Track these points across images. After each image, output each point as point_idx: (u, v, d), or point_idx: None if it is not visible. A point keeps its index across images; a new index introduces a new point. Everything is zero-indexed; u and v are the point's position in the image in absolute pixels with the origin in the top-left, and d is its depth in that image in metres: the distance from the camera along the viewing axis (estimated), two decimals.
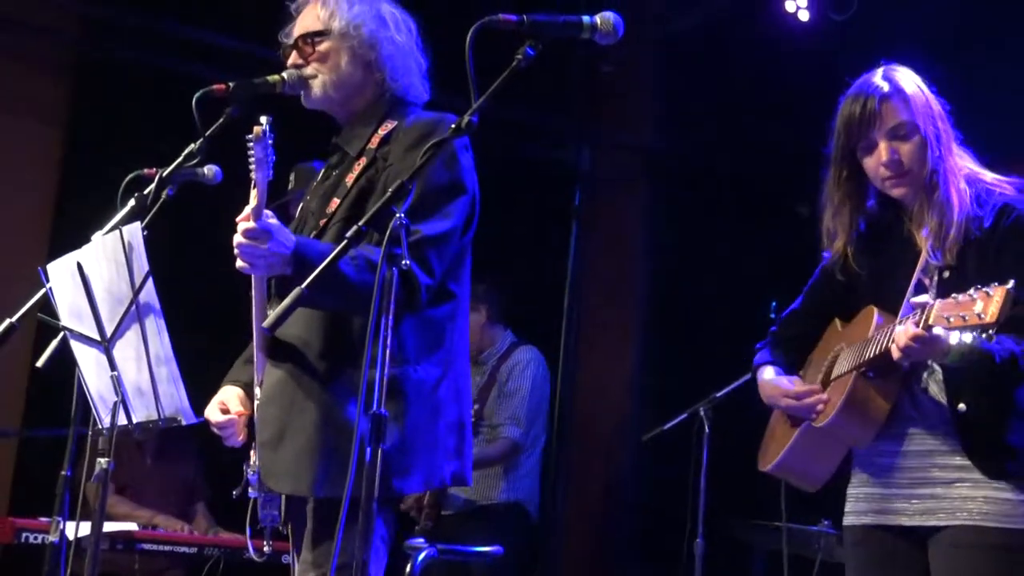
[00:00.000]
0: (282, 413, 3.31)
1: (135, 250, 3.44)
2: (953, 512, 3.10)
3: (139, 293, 3.44)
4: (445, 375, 3.39)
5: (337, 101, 3.53)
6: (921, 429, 3.20)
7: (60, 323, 3.68)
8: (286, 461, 3.28)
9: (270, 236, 3.07)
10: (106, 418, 3.61)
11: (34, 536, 5.36)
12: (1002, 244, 3.13)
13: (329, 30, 3.49)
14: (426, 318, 3.34)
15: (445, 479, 3.37)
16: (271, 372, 3.37)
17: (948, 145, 3.25)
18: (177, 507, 6.14)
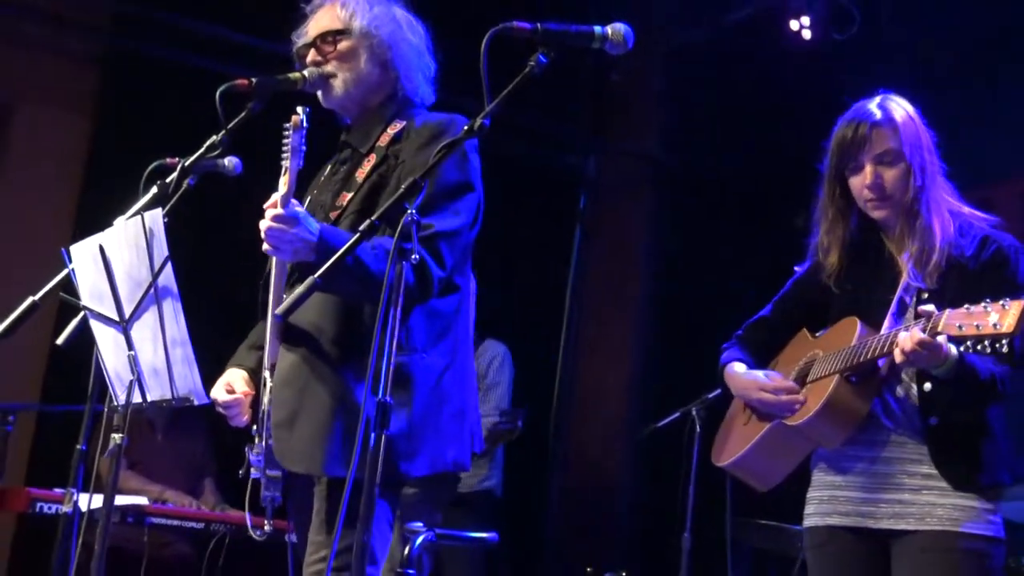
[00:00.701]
0: (295, 396, 3.32)
1: (155, 236, 3.44)
2: (922, 517, 3.13)
3: (158, 277, 3.44)
4: (451, 365, 3.40)
5: (355, 99, 3.53)
6: (892, 436, 3.21)
7: (81, 303, 3.69)
8: (300, 442, 3.28)
9: (297, 222, 3.08)
10: (121, 396, 3.61)
11: (48, 506, 5.36)
12: (984, 272, 3.17)
13: (349, 29, 3.49)
14: (434, 310, 3.36)
15: (447, 464, 3.38)
16: (285, 356, 3.37)
17: (933, 176, 3.28)
18: (186, 483, 6.15)
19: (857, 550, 3.24)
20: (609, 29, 3.00)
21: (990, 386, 3.07)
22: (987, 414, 3.18)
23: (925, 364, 3.02)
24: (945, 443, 3.14)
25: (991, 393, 3.10)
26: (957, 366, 3.00)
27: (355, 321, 3.31)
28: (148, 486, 5.95)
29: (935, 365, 3.01)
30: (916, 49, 6.51)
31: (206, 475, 6.30)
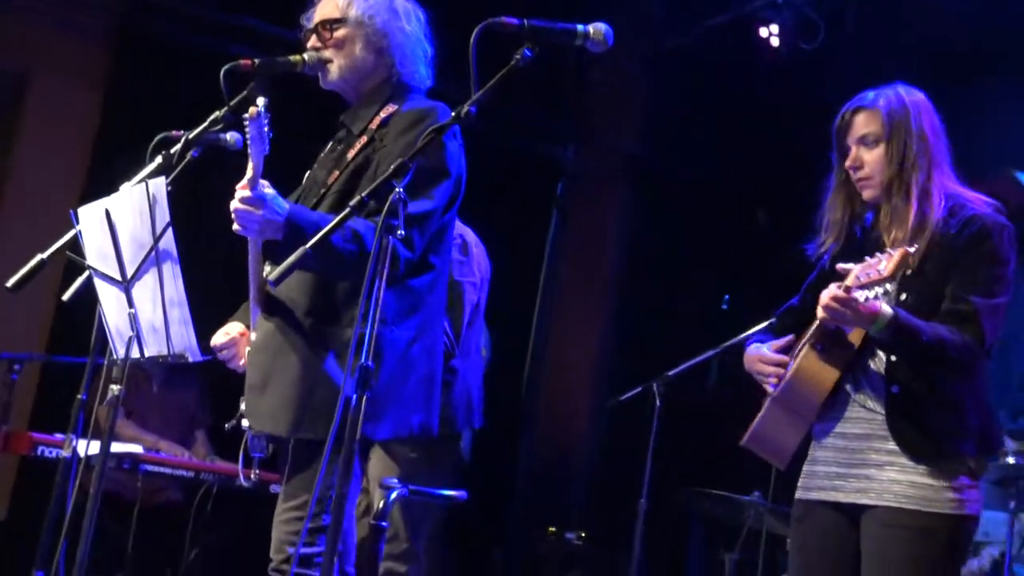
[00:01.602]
0: (268, 361, 3.34)
1: (158, 202, 3.44)
2: (881, 493, 3.05)
3: (159, 241, 3.44)
4: (419, 337, 3.39)
5: (351, 83, 3.54)
6: (863, 412, 3.14)
7: (86, 262, 3.68)
8: (268, 405, 3.31)
9: (263, 204, 3.11)
10: (121, 350, 3.61)
11: (49, 450, 5.36)
12: (965, 248, 3.07)
13: (346, 18, 3.49)
14: (406, 286, 3.36)
15: (413, 428, 3.38)
16: (262, 324, 3.40)
17: (922, 161, 3.15)
18: (179, 434, 6.14)
19: (830, 524, 3.17)
20: (591, 28, 3.01)
21: (937, 349, 2.96)
22: (954, 385, 3.06)
23: (850, 322, 2.98)
24: (901, 411, 3.05)
25: (944, 359, 2.99)
26: (892, 326, 2.93)
27: (328, 295, 3.33)
28: (143, 435, 5.94)
29: (865, 323, 2.96)
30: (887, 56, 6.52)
31: (198, 427, 6.29)
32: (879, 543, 3.05)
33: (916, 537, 3.00)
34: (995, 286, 3.06)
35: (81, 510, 3.67)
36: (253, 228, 3.16)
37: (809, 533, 3.24)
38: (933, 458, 3.02)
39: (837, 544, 3.16)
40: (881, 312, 2.92)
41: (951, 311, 3.03)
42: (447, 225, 3.46)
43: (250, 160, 3.13)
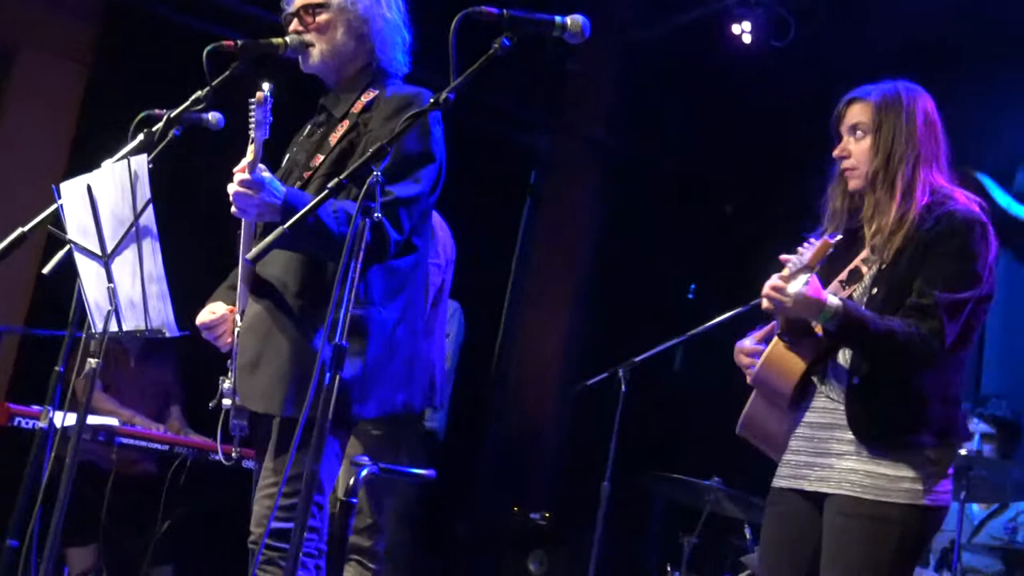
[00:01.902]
0: (259, 342, 3.33)
1: (140, 179, 3.42)
2: (839, 482, 3.06)
3: (139, 217, 3.42)
4: (404, 318, 3.40)
5: (332, 68, 3.52)
6: (827, 402, 3.15)
7: (67, 237, 3.65)
8: (260, 384, 3.30)
9: (262, 187, 3.10)
10: (99, 324, 3.59)
11: (26, 421, 5.32)
12: (936, 240, 3.05)
13: (329, 3, 3.47)
14: (391, 268, 3.36)
15: (396, 406, 3.40)
16: (252, 305, 3.39)
17: (909, 156, 3.13)
18: (154, 408, 6.11)
19: (797, 510, 3.18)
20: (569, 20, 3.01)
21: (885, 341, 2.97)
22: (915, 378, 3.05)
23: (792, 311, 3.00)
24: (860, 402, 3.05)
25: (893, 352, 2.99)
26: (840, 316, 2.96)
27: (316, 277, 3.32)
28: (119, 408, 5.91)
29: (810, 314, 2.98)
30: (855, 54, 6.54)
31: (173, 403, 6.25)
32: (836, 531, 3.05)
33: (870, 525, 3.00)
34: (960, 281, 3.03)
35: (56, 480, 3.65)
36: (251, 211, 3.15)
37: (778, 518, 3.25)
38: (890, 449, 3.02)
39: (802, 530, 3.16)
40: (827, 303, 2.95)
41: (913, 305, 3.02)
42: (429, 208, 3.45)
43: (252, 143, 3.13)
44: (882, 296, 3.09)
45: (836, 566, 3.03)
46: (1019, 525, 5.33)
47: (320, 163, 3.40)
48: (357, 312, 3.25)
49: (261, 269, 3.36)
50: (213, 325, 3.46)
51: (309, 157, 3.46)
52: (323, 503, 3.32)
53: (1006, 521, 5.35)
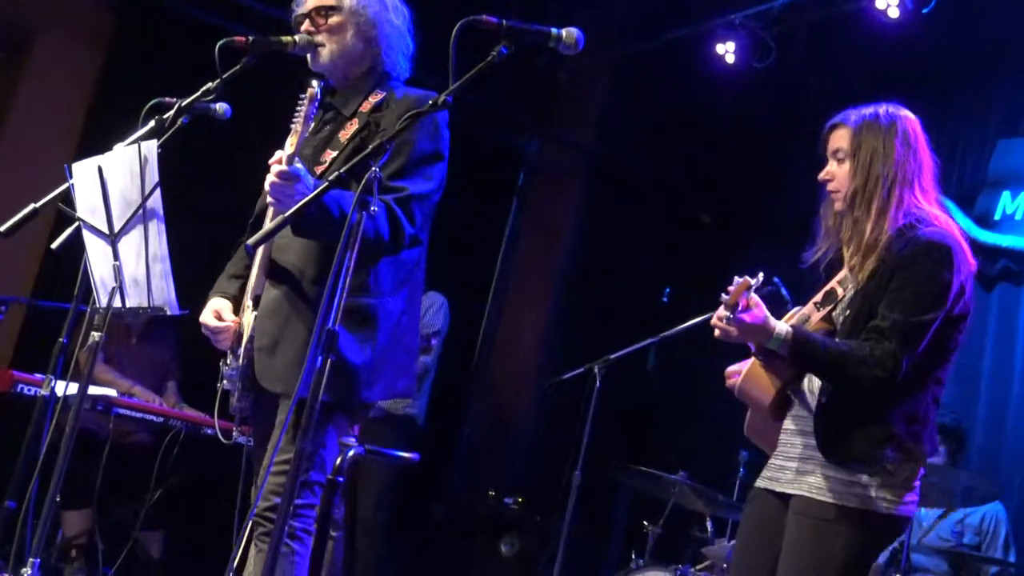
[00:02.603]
0: (278, 326, 3.32)
1: (149, 163, 3.40)
2: (799, 484, 3.08)
3: (147, 199, 3.41)
4: (408, 309, 3.41)
5: (339, 68, 3.51)
6: (802, 412, 3.16)
7: (77, 215, 3.64)
8: (279, 366, 3.28)
9: (299, 179, 3.09)
10: (104, 299, 3.58)
11: (29, 389, 5.30)
12: (898, 266, 3.02)
13: (341, 6, 3.46)
14: (400, 260, 3.36)
15: (397, 391, 3.39)
16: (269, 291, 3.37)
17: (886, 179, 3.09)
18: (152, 382, 6.09)
19: (769, 509, 3.19)
20: (564, 32, 2.99)
21: (835, 364, 2.96)
22: (880, 397, 3.00)
23: (739, 339, 3.01)
24: (827, 419, 3.05)
25: (844, 374, 2.97)
26: (788, 342, 2.96)
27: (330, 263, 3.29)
28: (119, 380, 5.89)
29: (760, 340, 3.00)
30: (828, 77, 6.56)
31: (170, 378, 6.24)
32: (793, 530, 3.07)
33: (821, 525, 3.01)
34: (919, 305, 2.99)
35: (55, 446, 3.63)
36: (287, 202, 3.09)
37: (753, 515, 3.28)
38: (848, 459, 3.01)
39: (772, 527, 3.17)
40: (776, 330, 2.96)
41: (873, 327, 3.00)
42: (435, 205, 3.45)
43: (294, 135, 3.12)
44: (852, 319, 3.07)
45: (788, 562, 3.05)
46: (965, 528, 5.35)
47: (332, 159, 3.38)
48: (369, 301, 3.26)
49: (278, 256, 3.35)
50: (219, 330, 3.43)
51: (318, 152, 3.44)
52: (323, 482, 3.32)
53: (953, 524, 5.37)
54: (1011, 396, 6.05)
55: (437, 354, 6.03)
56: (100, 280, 3.62)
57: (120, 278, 3.53)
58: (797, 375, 3.16)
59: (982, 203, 6.40)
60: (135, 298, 3.54)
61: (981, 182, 6.48)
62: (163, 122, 3.66)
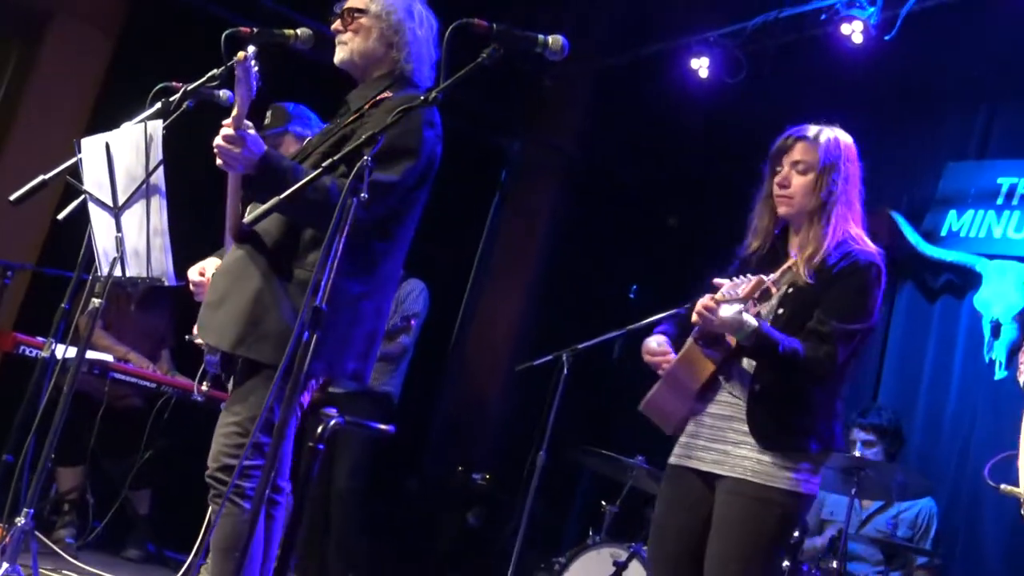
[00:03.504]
0: (228, 283, 3.27)
1: (154, 142, 3.40)
2: (733, 467, 3.16)
3: (150, 176, 3.40)
4: (370, 294, 3.33)
5: (359, 66, 3.49)
6: (730, 399, 3.24)
7: (83, 187, 3.62)
8: (218, 320, 3.24)
9: (244, 142, 3.05)
10: (105, 268, 3.57)
11: (30, 350, 5.28)
12: (835, 280, 3.16)
13: (368, 10, 3.45)
14: (365, 245, 3.29)
15: (345, 371, 3.33)
16: (234, 251, 3.33)
17: (837, 199, 3.24)
18: (147, 349, 6.06)
19: (690, 485, 3.26)
20: (551, 39, 3.00)
21: (789, 360, 3.06)
22: (806, 390, 3.15)
23: (716, 328, 3.06)
24: (759, 407, 3.16)
25: (796, 368, 3.08)
26: (755, 336, 3.03)
27: (296, 236, 3.27)
28: (116, 346, 5.86)
29: (731, 331, 3.06)
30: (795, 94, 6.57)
31: (164, 346, 6.21)
32: (726, 507, 3.16)
33: (756, 504, 3.11)
34: (854, 315, 3.15)
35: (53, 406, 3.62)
36: (233, 163, 3.09)
37: (673, 491, 3.33)
38: (780, 448, 3.14)
39: (692, 502, 3.25)
40: (745, 322, 3.02)
41: (812, 330, 3.13)
42: (414, 202, 3.40)
43: (237, 100, 3.07)
44: (786, 317, 3.19)
45: (723, 536, 3.14)
46: (900, 523, 5.38)
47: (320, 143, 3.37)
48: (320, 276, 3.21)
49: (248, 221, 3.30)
50: (199, 284, 3.42)
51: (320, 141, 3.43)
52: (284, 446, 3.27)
53: (889, 518, 5.40)
54: (948, 401, 6.09)
55: (415, 336, 6.02)
56: (103, 250, 3.61)
57: (122, 249, 3.52)
58: (726, 361, 3.22)
59: (930, 220, 6.44)
60: (135, 268, 3.54)
61: (930, 200, 6.52)
62: (169, 105, 3.66)
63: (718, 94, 7.03)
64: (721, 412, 3.24)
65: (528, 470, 5.25)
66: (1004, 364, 5.83)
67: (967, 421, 5.96)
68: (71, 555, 5.18)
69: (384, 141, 3.03)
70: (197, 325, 3.32)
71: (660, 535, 3.32)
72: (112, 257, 3.54)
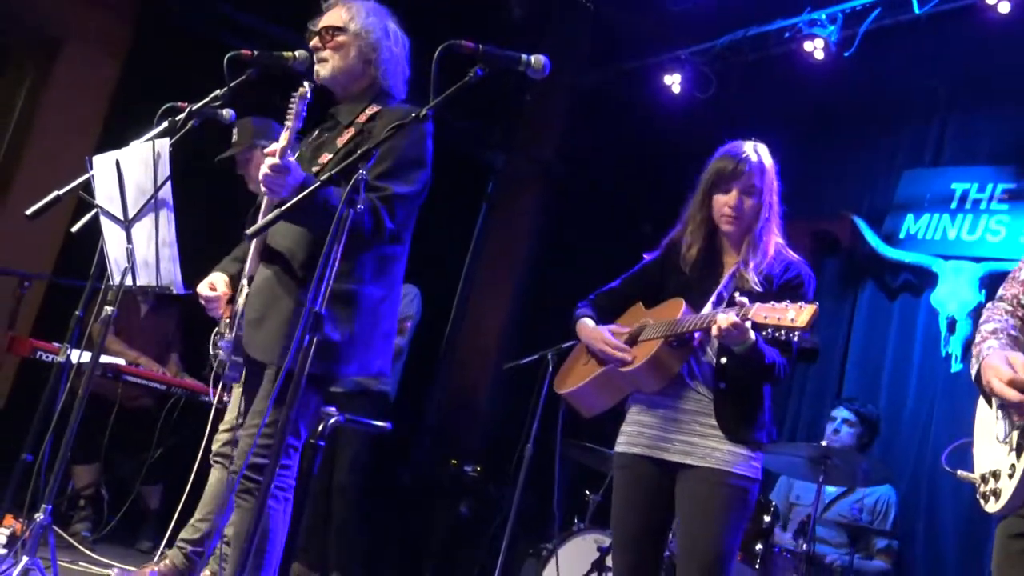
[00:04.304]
0: (265, 302, 3.28)
1: (162, 158, 3.39)
2: (703, 457, 3.20)
3: (159, 191, 3.40)
4: (387, 297, 3.37)
5: (340, 82, 3.48)
6: (694, 392, 3.28)
7: (95, 202, 3.61)
8: (263, 338, 3.25)
9: (289, 172, 3.06)
10: (117, 278, 3.56)
11: (47, 355, 5.25)
12: (784, 287, 3.25)
13: (347, 29, 3.44)
14: (383, 254, 3.33)
15: (371, 370, 3.37)
16: (262, 271, 3.34)
17: (775, 214, 3.34)
18: (157, 353, 6.04)
19: (650, 474, 3.29)
20: (532, 58, 3.00)
21: (770, 369, 3.15)
22: (762, 389, 3.27)
23: (732, 341, 3.07)
24: (726, 404, 3.23)
25: (770, 375, 3.18)
26: (752, 348, 3.08)
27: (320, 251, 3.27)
28: (127, 351, 5.85)
29: (738, 343, 3.07)
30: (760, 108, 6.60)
31: (173, 350, 6.19)
32: (701, 495, 3.19)
33: (729, 490, 3.17)
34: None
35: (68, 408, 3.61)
36: (279, 191, 3.08)
37: (632, 479, 3.34)
38: (743, 440, 3.21)
39: (653, 490, 3.29)
40: (749, 338, 3.06)
41: (774, 339, 3.09)
42: (416, 208, 3.43)
43: (286, 131, 3.09)
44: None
45: (698, 519, 3.18)
46: (864, 507, 5.40)
47: (327, 161, 3.37)
48: (351, 287, 3.23)
49: (273, 240, 3.32)
50: (210, 299, 3.42)
51: (316, 155, 3.44)
52: (298, 446, 3.29)
53: (853, 503, 5.42)
54: (908, 393, 6.12)
55: (410, 337, 6.02)
56: (114, 261, 3.60)
57: (132, 259, 3.51)
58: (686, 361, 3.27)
59: (889, 224, 6.47)
60: (145, 277, 3.53)
61: (888, 205, 6.55)
62: (175, 123, 3.65)
63: (690, 108, 7.06)
64: (685, 407, 3.27)
65: (516, 462, 5.25)
66: (959, 358, 5.86)
67: (925, 412, 5.99)
68: (87, 547, 5.16)
69: (396, 156, 3.05)
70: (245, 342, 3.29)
71: (621, 521, 3.36)
72: (123, 267, 3.53)
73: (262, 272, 3.33)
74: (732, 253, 3.37)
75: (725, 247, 3.40)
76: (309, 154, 3.47)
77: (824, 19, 6.19)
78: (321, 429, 3.79)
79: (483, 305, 8.21)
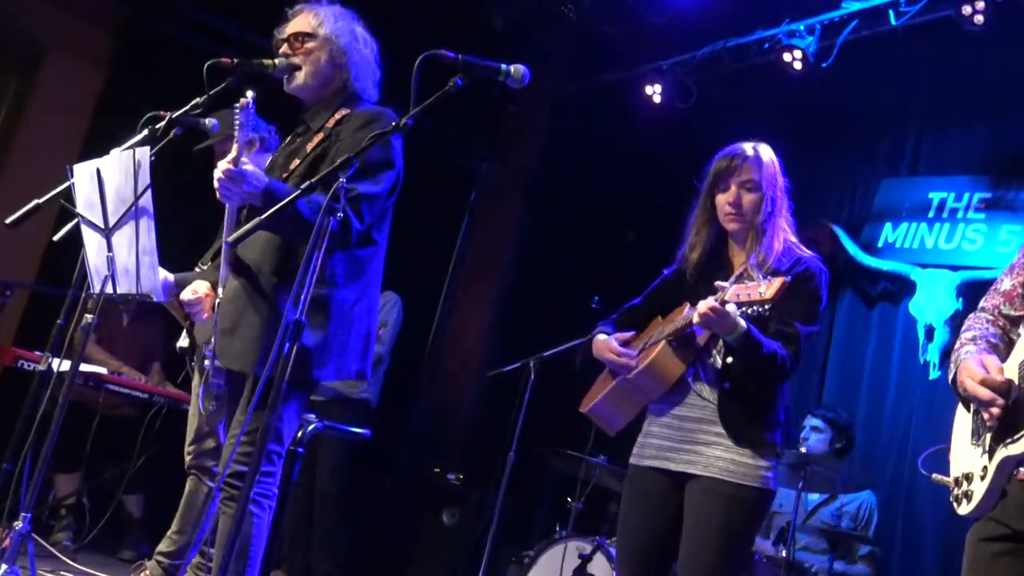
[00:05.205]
0: (237, 311, 3.28)
1: (142, 167, 3.38)
2: (707, 466, 3.09)
3: (139, 199, 3.38)
4: (361, 299, 3.37)
5: (312, 88, 3.49)
6: (699, 400, 3.17)
7: (76, 210, 3.59)
8: (237, 347, 3.25)
9: (244, 179, 3.05)
10: (98, 286, 3.54)
11: (28, 364, 5.22)
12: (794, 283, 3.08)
13: (316, 34, 3.45)
14: (353, 255, 3.34)
15: (351, 373, 3.36)
16: (231, 282, 3.34)
17: (780, 209, 3.26)
18: (139, 362, 6.01)
19: (657, 485, 3.19)
20: (512, 68, 3.01)
21: (771, 360, 3.02)
22: (772, 388, 3.14)
23: (718, 328, 3.00)
24: (731, 404, 3.11)
25: (774, 368, 3.04)
26: (744, 337, 2.98)
27: (286, 260, 3.29)
28: (109, 359, 5.81)
29: (726, 331, 2.99)
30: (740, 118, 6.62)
31: (155, 359, 6.16)
32: (703, 505, 3.09)
33: (731, 502, 3.06)
34: (811, 318, 3.15)
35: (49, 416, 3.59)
36: (233, 198, 3.11)
37: (639, 490, 3.26)
38: (752, 443, 3.09)
39: (660, 501, 3.19)
40: (738, 324, 2.97)
41: (779, 331, 3.09)
42: (388, 210, 3.42)
43: (235, 141, 3.08)
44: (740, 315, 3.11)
45: (701, 534, 3.07)
46: (844, 515, 5.41)
47: (296, 166, 3.37)
48: (322, 291, 3.22)
49: (241, 252, 3.32)
50: (193, 303, 3.40)
51: (287, 161, 3.45)
52: (281, 452, 3.27)
53: (833, 510, 5.43)
54: (887, 399, 6.14)
55: (390, 346, 6.01)
56: (95, 269, 3.58)
57: (113, 268, 3.49)
58: (691, 363, 3.19)
59: (868, 232, 6.50)
60: (125, 285, 3.51)
61: (867, 214, 6.58)
62: (156, 132, 3.64)
63: (671, 118, 7.08)
64: (690, 414, 3.17)
65: (499, 469, 5.25)
66: (937, 365, 5.88)
67: (904, 418, 6.01)
68: (69, 557, 5.13)
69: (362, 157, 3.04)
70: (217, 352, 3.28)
71: (628, 532, 3.26)
72: (104, 275, 3.51)
73: (231, 282, 3.33)
74: (740, 253, 3.29)
75: (733, 247, 3.32)
76: (282, 160, 3.47)
77: (803, 30, 6.22)
78: (300, 436, 3.77)
79: (466, 313, 8.20)
